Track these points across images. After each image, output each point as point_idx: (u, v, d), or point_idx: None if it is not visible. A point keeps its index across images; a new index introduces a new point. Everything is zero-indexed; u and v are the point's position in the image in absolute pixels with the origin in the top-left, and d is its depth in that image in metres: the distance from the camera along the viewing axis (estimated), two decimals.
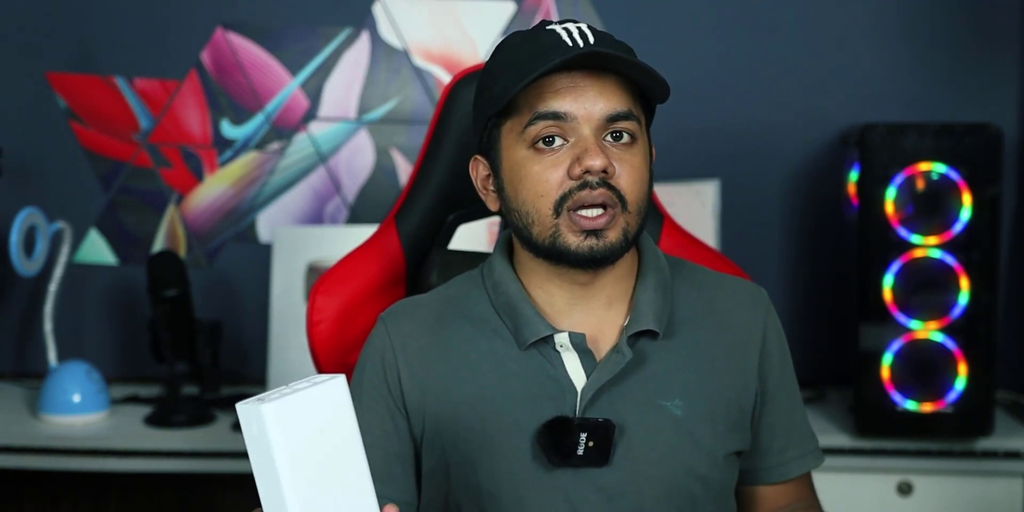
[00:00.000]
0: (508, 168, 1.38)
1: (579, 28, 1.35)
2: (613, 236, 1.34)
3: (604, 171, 1.32)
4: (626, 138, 1.35)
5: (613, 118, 1.34)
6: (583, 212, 1.33)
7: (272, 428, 1.03)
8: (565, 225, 1.34)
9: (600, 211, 1.33)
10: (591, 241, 1.34)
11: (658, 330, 1.39)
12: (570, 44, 1.33)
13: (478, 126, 1.42)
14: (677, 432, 1.38)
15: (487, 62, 1.41)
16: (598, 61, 1.33)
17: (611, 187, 1.33)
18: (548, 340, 1.39)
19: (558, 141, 1.34)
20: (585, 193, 1.33)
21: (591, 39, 1.34)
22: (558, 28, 1.35)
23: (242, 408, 1.05)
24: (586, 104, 1.33)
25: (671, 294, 1.44)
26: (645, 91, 1.37)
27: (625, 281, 1.43)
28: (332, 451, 1.07)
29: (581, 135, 1.34)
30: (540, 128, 1.34)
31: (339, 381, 1.08)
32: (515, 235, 1.42)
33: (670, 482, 1.38)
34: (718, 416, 1.41)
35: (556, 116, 1.33)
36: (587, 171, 1.32)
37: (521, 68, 1.33)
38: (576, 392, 1.37)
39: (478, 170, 1.45)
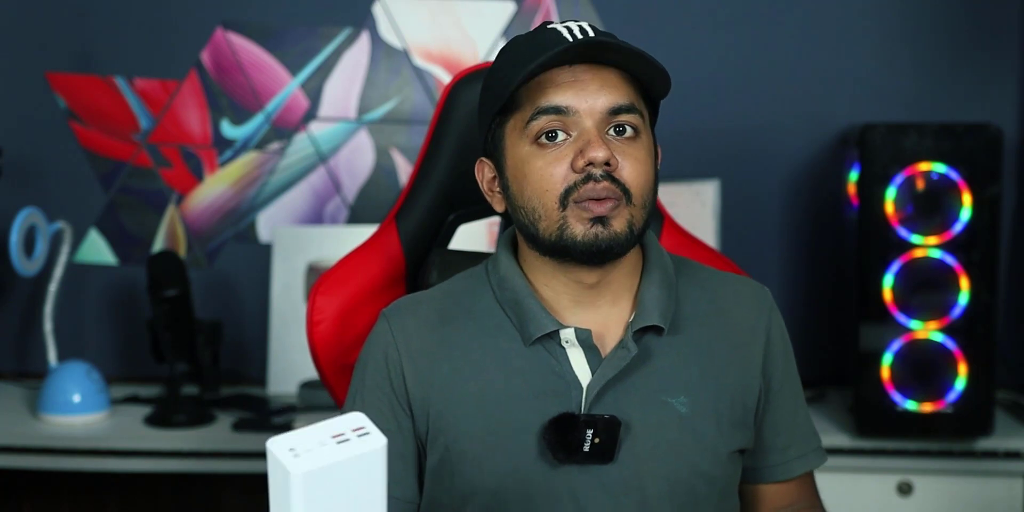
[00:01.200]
0: (512, 166, 1.38)
1: (580, 26, 1.35)
2: (618, 226, 1.33)
3: (607, 163, 1.31)
4: (629, 132, 1.35)
5: (615, 111, 1.34)
6: (589, 203, 1.33)
7: (296, 489, 0.98)
8: (572, 216, 1.33)
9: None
10: (597, 228, 1.33)
11: (663, 326, 1.39)
12: (570, 39, 1.32)
13: (483, 127, 1.42)
14: (681, 429, 1.38)
15: (491, 65, 1.41)
16: (598, 54, 1.33)
17: (615, 180, 1.32)
18: (553, 336, 1.39)
19: (561, 135, 1.34)
20: (589, 186, 1.32)
21: (591, 35, 1.33)
22: (559, 26, 1.35)
23: (273, 453, 0.99)
24: (588, 98, 1.33)
25: (675, 291, 1.44)
26: (647, 84, 1.37)
27: (630, 277, 1.42)
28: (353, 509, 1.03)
29: (583, 128, 1.33)
30: (542, 123, 1.34)
31: (380, 446, 1.03)
32: (521, 233, 1.41)
33: (674, 479, 1.38)
34: (722, 414, 1.41)
35: (558, 110, 1.33)
36: (590, 163, 1.31)
37: (521, 64, 1.32)
38: (582, 388, 1.37)
39: (484, 172, 1.44)
